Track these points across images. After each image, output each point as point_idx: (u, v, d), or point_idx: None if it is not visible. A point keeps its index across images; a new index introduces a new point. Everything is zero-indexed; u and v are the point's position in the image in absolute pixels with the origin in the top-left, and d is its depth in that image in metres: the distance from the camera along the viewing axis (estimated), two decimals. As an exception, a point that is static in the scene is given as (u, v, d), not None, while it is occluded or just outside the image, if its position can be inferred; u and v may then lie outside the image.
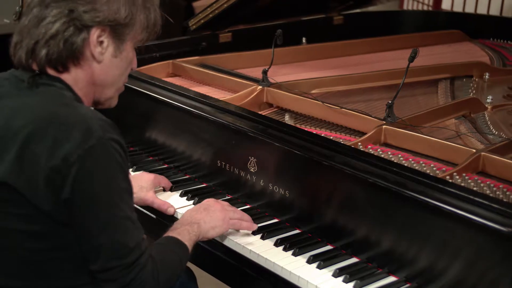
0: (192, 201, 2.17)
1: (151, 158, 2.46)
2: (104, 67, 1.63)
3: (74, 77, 1.60)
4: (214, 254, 1.98)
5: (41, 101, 1.56)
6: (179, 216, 2.09)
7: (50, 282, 1.56)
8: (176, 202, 2.17)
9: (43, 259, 1.54)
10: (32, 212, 1.50)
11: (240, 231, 1.98)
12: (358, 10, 3.81)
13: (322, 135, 2.20)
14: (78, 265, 1.56)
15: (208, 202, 1.98)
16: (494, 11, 5.14)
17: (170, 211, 2.12)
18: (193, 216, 1.89)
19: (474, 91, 2.78)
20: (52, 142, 1.47)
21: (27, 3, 1.61)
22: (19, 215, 1.51)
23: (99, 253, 1.52)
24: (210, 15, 2.96)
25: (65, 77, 1.60)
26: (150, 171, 2.32)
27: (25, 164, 1.49)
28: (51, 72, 1.59)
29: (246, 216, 2.00)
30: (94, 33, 1.57)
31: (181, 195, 2.21)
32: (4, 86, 1.61)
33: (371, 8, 4.00)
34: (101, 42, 1.60)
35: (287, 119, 2.36)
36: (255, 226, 1.97)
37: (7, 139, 1.52)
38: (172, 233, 1.79)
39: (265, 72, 2.49)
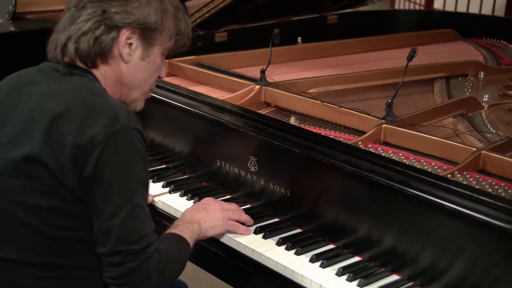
0: (192, 201, 2.16)
1: (149, 158, 2.46)
2: (131, 68, 1.70)
3: (103, 73, 1.68)
4: (216, 253, 1.98)
5: (73, 87, 1.64)
6: (178, 215, 2.09)
7: (63, 259, 1.60)
8: (176, 202, 2.16)
9: (61, 237, 1.59)
10: (57, 189, 1.55)
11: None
12: (349, 10, 3.82)
13: (322, 134, 2.20)
14: (91, 248, 1.60)
15: (208, 201, 1.99)
16: (486, 10, 5.17)
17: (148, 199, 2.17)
18: (193, 215, 1.91)
19: (470, 90, 2.80)
20: (80, 123, 1.54)
21: (67, 7, 1.71)
22: (44, 191, 1.56)
23: (109, 235, 1.56)
24: (207, 15, 2.96)
25: (95, 72, 1.67)
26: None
27: (53, 141, 1.55)
28: (82, 66, 1.67)
29: (245, 216, 2.01)
30: (124, 34, 1.66)
31: (181, 195, 2.21)
32: (38, 75, 1.70)
33: (362, 8, 4.01)
34: (130, 44, 1.68)
35: (292, 121, 2.35)
36: (251, 231, 1.98)
37: (37, 119, 1.59)
38: (174, 230, 1.83)
39: (263, 72, 2.48)
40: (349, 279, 1.76)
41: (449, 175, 1.85)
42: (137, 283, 1.58)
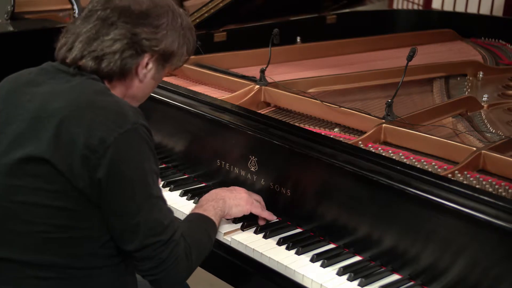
0: (192, 201, 2.16)
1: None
2: (141, 86, 1.75)
3: (112, 86, 1.69)
4: (217, 253, 1.97)
5: (78, 87, 1.64)
6: (178, 214, 2.08)
7: (67, 260, 1.61)
8: (176, 202, 2.16)
9: (65, 237, 1.59)
10: (64, 188, 1.56)
11: (243, 231, 1.99)
12: (348, 10, 3.82)
13: (322, 134, 2.20)
14: (96, 248, 1.62)
15: (233, 186, 2.05)
16: (485, 10, 5.18)
17: None
18: (218, 193, 1.98)
19: (469, 90, 2.80)
20: (89, 123, 1.55)
21: (88, 10, 1.69)
22: (50, 191, 1.57)
23: (136, 232, 1.58)
24: (206, 15, 2.96)
25: (106, 83, 1.69)
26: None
27: (62, 142, 1.56)
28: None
29: (266, 213, 2.04)
30: (146, 57, 1.69)
31: (181, 195, 2.21)
32: (40, 75, 1.70)
33: (361, 8, 4.01)
34: (147, 64, 1.71)
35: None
36: (274, 217, 2.03)
37: (43, 119, 1.59)
38: (198, 209, 1.89)
39: (263, 71, 2.48)
40: (350, 279, 1.76)
41: (449, 175, 1.85)
42: (168, 271, 1.62)
